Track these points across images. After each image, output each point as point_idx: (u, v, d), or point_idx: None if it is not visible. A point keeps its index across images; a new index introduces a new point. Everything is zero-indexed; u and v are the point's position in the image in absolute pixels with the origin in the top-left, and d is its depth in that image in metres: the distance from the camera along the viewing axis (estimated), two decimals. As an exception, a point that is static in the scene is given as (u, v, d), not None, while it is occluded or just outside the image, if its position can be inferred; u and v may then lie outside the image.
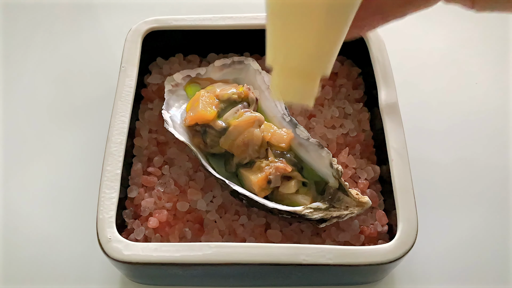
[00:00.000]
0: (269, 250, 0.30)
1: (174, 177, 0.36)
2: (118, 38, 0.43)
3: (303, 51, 0.24)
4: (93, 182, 0.36)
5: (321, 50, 0.24)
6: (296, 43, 0.24)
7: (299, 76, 0.25)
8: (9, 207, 0.40)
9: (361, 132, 0.39)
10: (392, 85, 0.38)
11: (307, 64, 0.25)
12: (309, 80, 0.25)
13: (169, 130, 0.35)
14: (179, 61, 0.43)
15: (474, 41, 0.51)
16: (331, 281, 0.34)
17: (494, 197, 0.40)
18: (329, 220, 0.32)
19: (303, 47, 0.24)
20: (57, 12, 0.53)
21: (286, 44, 0.24)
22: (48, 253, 0.37)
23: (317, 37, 0.23)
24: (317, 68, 0.25)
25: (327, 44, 0.24)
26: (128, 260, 0.30)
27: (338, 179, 0.33)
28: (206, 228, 0.34)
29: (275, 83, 0.26)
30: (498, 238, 0.38)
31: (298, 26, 0.23)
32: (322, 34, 0.23)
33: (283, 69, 0.25)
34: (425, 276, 0.37)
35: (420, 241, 0.32)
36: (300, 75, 0.25)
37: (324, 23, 0.23)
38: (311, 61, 0.25)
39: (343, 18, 0.23)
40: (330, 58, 0.25)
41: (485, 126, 0.45)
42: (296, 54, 0.24)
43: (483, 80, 0.48)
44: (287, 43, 0.24)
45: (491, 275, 0.37)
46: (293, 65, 0.25)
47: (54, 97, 0.47)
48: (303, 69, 0.25)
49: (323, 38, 0.24)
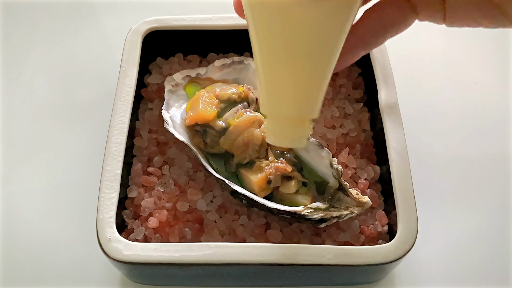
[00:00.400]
0: (269, 250, 0.30)
1: (174, 177, 0.36)
2: (118, 38, 0.43)
3: (292, 103, 0.26)
4: (93, 182, 0.36)
5: (308, 99, 0.26)
6: (285, 96, 0.26)
7: (291, 123, 0.27)
8: (9, 207, 0.40)
9: (361, 132, 0.39)
10: (392, 85, 0.38)
11: (297, 114, 0.27)
12: (301, 126, 0.27)
13: (169, 130, 0.35)
14: (179, 61, 0.43)
15: (474, 41, 0.51)
16: (331, 281, 0.34)
17: (494, 197, 0.40)
18: (329, 220, 0.32)
19: (292, 99, 0.26)
20: (57, 12, 0.53)
21: (276, 97, 0.26)
22: (48, 253, 0.37)
23: (303, 88, 0.25)
24: (306, 115, 0.27)
25: (313, 92, 0.26)
26: (128, 260, 0.30)
27: (338, 179, 0.33)
28: (206, 228, 0.34)
29: (270, 129, 0.28)
30: (498, 238, 0.38)
31: (284, 79, 0.25)
32: (307, 84, 0.25)
33: (276, 119, 0.27)
34: (425, 276, 0.37)
35: (420, 241, 0.32)
36: (292, 123, 0.27)
37: (309, 74, 0.25)
38: (301, 110, 0.27)
39: (327, 66, 0.25)
40: (317, 103, 0.27)
41: (485, 126, 0.45)
42: (286, 106, 0.26)
43: (483, 80, 0.48)
44: (277, 96, 0.26)
45: (491, 275, 0.37)
46: (284, 115, 0.27)
47: (54, 97, 0.47)
48: (294, 118, 0.27)
49: (309, 88, 0.25)
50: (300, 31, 0.23)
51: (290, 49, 0.24)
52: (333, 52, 0.25)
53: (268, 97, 0.26)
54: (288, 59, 0.24)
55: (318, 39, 0.23)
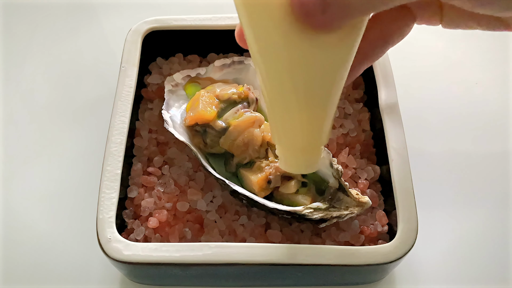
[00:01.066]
0: (269, 250, 0.30)
1: (174, 177, 0.36)
2: (118, 38, 0.43)
3: (302, 136, 0.26)
4: (93, 182, 0.36)
5: (317, 130, 0.26)
6: (294, 130, 0.26)
7: (303, 152, 0.28)
8: (9, 207, 0.40)
9: (361, 132, 0.39)
10: (392, 85, 0.38)
11: (309, 143, 0.27)
12: (312, 153, 0.28)
13: (169, 130, 0.35)
14: (179, 61, 0.43)
15: (474, 41, 0.51)
16: (331, 281, 0.34)
17: (495, 197, 0.40)
18: (329, 220, 0.32)
19: (301, 133, 0.26)
20: (57, 12, 0.53)
21: (285, 132, 0.26)
22: (48, 253, 0.37)
23: (312, 121, 0.26)
24: (318, 143, 0.27)
25: (322, 124, 0.26)
26: (128, 260, 0.30)
27: (338, 179, 0.33)
28: (206, 228, 0.34)
29: (282, 158, 0.29)
30: (498, 238, 0.38)
31: (292, 115, 0.25)
32: (316, 117, 0.25)
33: (288, 149, 0.28)
34: (425, 276, 0.37)
35: (420, 241, 0.32)
36: (304, 151, 0.28)
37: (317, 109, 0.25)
38: (310, 142, 0.27)
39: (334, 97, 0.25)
40: (327, 131, 0.27)
41: (485, 126, 0.45)
42: (296, 140, 0.27)
43: (483, 80, 0.48)
44: (287, 131, 0.26)
45: (491, 275, 0.37)
46: (296, 146, 0.27)
47: (54, 97, 0.47)
48: (306, 147, 0.27)
49: (318, 121, 0.26)
50: (306, 68, 0.23)
51: (297, 86, 0.24)
52: (340, 83, 0.25)
53: (277, 130, 0.27)
54: (294, 95, 0.24)
55: (324, 74, 0.24)
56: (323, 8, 0.20)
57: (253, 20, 0.22)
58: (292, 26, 0.21)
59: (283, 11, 0.21)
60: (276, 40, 0.22)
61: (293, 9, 0.21)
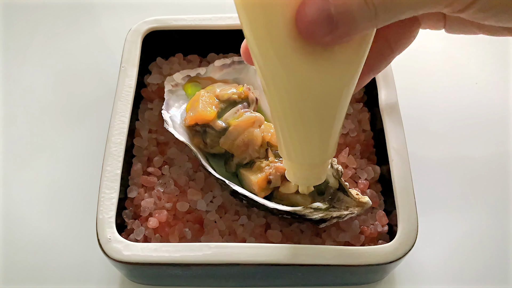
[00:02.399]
0: (269, 250, 0.30)
1: (174, 177, 0.36)
2: (118, 38, 0.43)
3: (309, 153, 0.26)
4: (93, 182, 0.36)
5: (324, 147, 0.26)
6: (301, 148, 0.26)
7: (311, 166, 0.28)
8: (9, 207, 0.40)
9: (361, 132, 0.39)
10: (392, 85, 0.38)
11: (316, 159, 0.27)
12: (320, 167, 0.28)
13: (169, 130, 0.35)
14: (179, 61, 0.43)
15: (474, 41, 0.51)
16: (331, 281, 0.34)
17: (494, 197, 0.40)
18: (329, 220, 0.32)
19: (308, 150, 0.26)
20: (57, 12, 0.53)
21: (293, 148, 0.26)
22: (48, 253, 0.37)
23: (319, 139, 0.25)
24: (325, 157, 0.27)
25: (329, 140, 0.26)
26: (127, 261, 0.30)
27: (338, 179, 0.33)
28: (206, 228, 0.34)
29: (291, 172, 0.29)
30: (498, 238, 0.38)
31: (300, 134, 0.25)
32: (323, 135, 0.25)
33: (297, 164, 0.28)
34: (425, 276, 0.37)
35: (420, 241, 0.32)
36: (312, 166, 0.28)
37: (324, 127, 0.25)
38: (317, 158, 0.27)
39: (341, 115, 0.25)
40: (334, 146, 0.27)
41: (485, 126, 0.45)
42: (303, 156, 0.27)
43: (483, 80, 0.48)
44: (294, 148, 0.26)
45: (491, 275, 0.37)
46: (304, 162, 0.27)
47: (54, 97, 0.47)
48: (314, 162, 0.27)
49: (324, 138, 0.26)
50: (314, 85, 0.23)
51: (305, 104, 0.23)
52: (348, 97, 0.24)
53: (285, 147, 0.27)
54: (302, 113, 0.24)
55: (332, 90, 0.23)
56: (329, 29, 0.20)
57: (258, 38, 0.22)
58: (298, 43, 0.21)
59: (289, 29, 0.21)
60: (283, 57, 0.21)
61: (299, 30, 0.20)
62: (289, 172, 0.29)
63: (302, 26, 0.20)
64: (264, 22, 0.21)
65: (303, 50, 0.21)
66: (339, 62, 0.22)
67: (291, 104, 0.23)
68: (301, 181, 0.29)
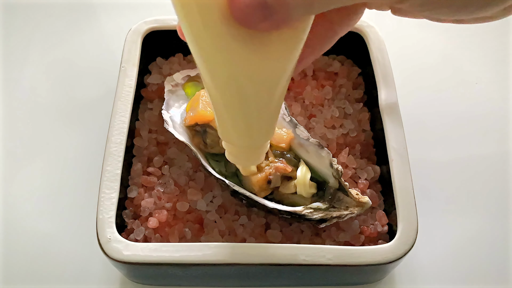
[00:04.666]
0: (269, 250, 0.30)
1: (174, 177, 0.36)
2: (118, 38, 0.43)
3: (245, 137, 0.26)
4: (93, 182, 0.36)
5: (260, 131, 0.26)
6: (238, 131, 0.26)
7: (247, 149, 0.28)
8: (9, 207, 0.40)
9: (361, 132, 0.39)
10: (392, 85, 0.38)
11: (255, 142, 0.27)
12: (257, 149, 0.28)
13: (169, 130, 0.35)
14: (179, 61, 0.43)
15: (474, 41, 0.51)
16: (331, 281, 0.34)
17: (494, 197, 0.40)
18: (329, 220, 0.32)
19: (244, 134, 0.26)
20: (57, 12, 0.53)
21: (229, 131, 0.26)
22: (48, 253, 0.37)
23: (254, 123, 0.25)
24: (263, 141, 0.27)
25: (265, 124, 0.26)
26: (128, 260, 0.30)
27: (338, 179, 0.33)
28: (206, 228, 0.34)
29: (231, 155, 0.29)
30: (498, 238, 0.38)
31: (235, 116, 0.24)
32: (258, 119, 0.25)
33: (234, 145, 0.28)
34: (425, 276, 0.37)
35: (420, 241, 0.32)
36: (249, 148, 0.28)
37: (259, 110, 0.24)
38: (258, 139, 0.27)
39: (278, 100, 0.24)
40: (272, 129, 0.27)
41: (485, 126, 0.45)
42: (239, 139, 0.26)
43: (483, 80, 0.48)
44: (231, 131, 0.26)
45: (491, 275, 0.37)
46: (241, 144, 0.27)
47: (54, 97, 0.47)
48: (250, 144, 0.27)
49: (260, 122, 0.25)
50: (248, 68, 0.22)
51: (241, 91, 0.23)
52: (286, 81, 0.24)
53: (224, 131, 0.26)
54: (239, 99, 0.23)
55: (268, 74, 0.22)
56: (264, 15, 0.19)
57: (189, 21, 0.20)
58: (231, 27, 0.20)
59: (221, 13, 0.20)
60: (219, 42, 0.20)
61: (233, 16, 0.20)
62: (229, 154, 0.29)
63: (236, 12, 0.19)
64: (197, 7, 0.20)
65: (238, 35, 0.20)
66: (277, 47, 0.21)
67: (230, 90, 0.23)
68: (242, 162, 0.30)
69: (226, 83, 0.22)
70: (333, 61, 0.43)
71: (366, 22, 0.40)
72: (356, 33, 0.40)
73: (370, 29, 0.40)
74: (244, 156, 0.29)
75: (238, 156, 0.29)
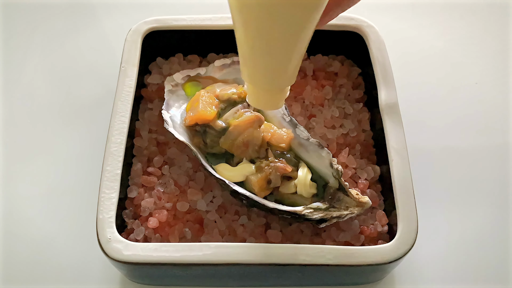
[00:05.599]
0: (269, 250, 0.30)
1: (174, 177, 0.36)
2: (118, 38, 0.43)
3: (270, 78, 0.27)
4: (93, 182, 0.36)
5: (284, 74, 0.27)
6: (263, 72, 0.27)
7: (270, 91, 0.29)
8: (9, 207, 0.40)
9: (361, 132, 0.39)
10: (392, 85, 0.38)
11: (274, 86, 0.28)
12: (279, 92, 0.29)
13: (169, 130, 0.35)
14: (179, 61, 0.43)
15: (474, 40, 0.51)
16: (331, 281, 0.34)
17: (494, 197, 0.40)
18: (329, 220, 0.32)
19: (269, 74, 0.27)
20: (57, 12, 0.53)
21: (254, 72, 0.27)
22: (48, 253, 0.37)
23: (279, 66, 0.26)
24: (283, 86, 0.29)
25: (289, 68, 0.27)
26: (128, 260, 0.30)
27: (338, 179, 0.33)
28: (206, 228, 0.34)
29: (250, 93, 0.30)
30: (498, 238, 0.38)
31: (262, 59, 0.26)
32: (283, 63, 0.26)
33: (256, 87, 0.29)
34: (425, 276, 0.37)
35: (420, 241, 0.32)
36: (271, 91, 0.29)
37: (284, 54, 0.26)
38: (278, 83, 0.28)
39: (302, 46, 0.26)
40: (295, 73, 0.28)
41: (485, 126, 0.45)
42: (264, 80, 0.28)
43: (483, 80, 0.48)
44: (256, 71, 0.27)
45: (491, 275, 0.37)
46: (264, 86, 0.28)
47: (54, 97, 0.47)
48: (273, 87, 0.28)
49: (284, 65, 0.26)
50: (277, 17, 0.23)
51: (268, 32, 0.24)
52: (310, 30, 0.25)
53: (247, 70, 0.28)
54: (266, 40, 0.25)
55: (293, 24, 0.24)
56: None
57: None
58: None
59: None
60: None
61: None
62: (250, 96, 0.30)
63: None
64: None
65: None
66: None
67: (258, 30, 0.24)
68: (262, 105, 0.30)
69: (258, 23, 0.24)
70: (333, 61, 0.43)
71: (366, 22, 0.40)
72: (356, 33, 0.40)
73: (370, 29, 0.40)
74: (264, 99, 0.30)
75: (259, 99, 0.30)
